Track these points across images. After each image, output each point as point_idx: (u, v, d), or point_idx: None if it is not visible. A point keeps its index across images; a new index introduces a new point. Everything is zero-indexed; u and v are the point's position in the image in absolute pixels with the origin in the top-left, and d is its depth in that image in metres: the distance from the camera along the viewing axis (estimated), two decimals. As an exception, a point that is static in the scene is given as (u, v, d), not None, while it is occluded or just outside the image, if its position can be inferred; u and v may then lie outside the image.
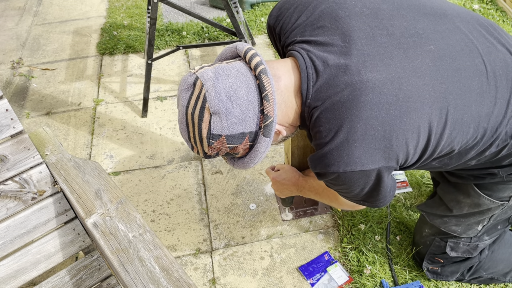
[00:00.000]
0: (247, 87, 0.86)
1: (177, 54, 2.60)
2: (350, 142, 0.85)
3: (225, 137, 0.87)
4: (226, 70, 0.87)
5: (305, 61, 0.89)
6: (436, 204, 1.30)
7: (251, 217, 1.73)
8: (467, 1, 2.77)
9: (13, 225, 1.07)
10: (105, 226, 0.95)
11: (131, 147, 2.05)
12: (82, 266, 1.24)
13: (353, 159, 0.86)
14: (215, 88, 0.84)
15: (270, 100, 0.86)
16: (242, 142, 0.89)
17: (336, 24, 0.91)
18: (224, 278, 1.54)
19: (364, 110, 0.84)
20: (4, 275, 1.09)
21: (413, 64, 0.87)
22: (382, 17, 0.91)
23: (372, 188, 0.95)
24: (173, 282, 0.84)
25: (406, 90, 0.85)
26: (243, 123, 0.86)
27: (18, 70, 2.57)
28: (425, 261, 1.43)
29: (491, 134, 0.95)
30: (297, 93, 0.91)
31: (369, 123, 0.84)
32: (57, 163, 1.10)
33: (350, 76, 0.85)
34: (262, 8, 2.88)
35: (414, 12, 0.94)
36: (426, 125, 0.88)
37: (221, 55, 0.96)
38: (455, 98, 0.89)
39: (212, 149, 0.90)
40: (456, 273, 1.41)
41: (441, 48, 0.91)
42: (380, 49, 0.88)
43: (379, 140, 0.85)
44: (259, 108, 0.87)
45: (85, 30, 2.88)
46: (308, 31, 0.93)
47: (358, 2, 0.93)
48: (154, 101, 2.29)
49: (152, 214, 1.77)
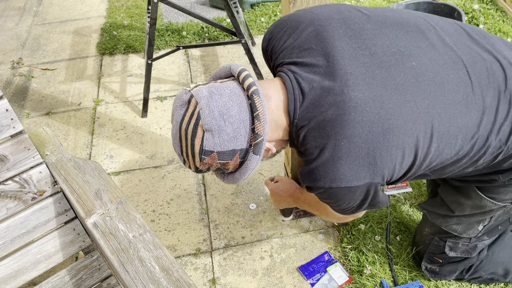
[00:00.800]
0: (239, 107, 0.90)
1: (177, 54, 2.60)
2: (335, 159, 0.88)
3: (217, 154, 0.90)
4: (220, 89, 0.91)
5: (292, 83, 0.93)
6: (437, 204, 1.30)
7: (251, 217, 1.73)
8: (467, 1, 2.77)
9: (13, 225, 1.07)
10: (105, 226, 0.95)
11: (131, 147, 2.05)
12: (82, 266, 1.24)
13: (338, 176, 0.89)
14: (209, 106, 0.88)
15: (261, 120, 0.90)
16: (232, 158, 0.93)
17: (321, 46, 0.94)
18: (224, 278, 1.54)
19: (348, 128, 0.87)
20: (4, 275, 1.09)
21: (395, 81, 0.90)
22: (365, 37, 0.95)
23: (359, 203, 0.98)
24: (173, 282, 0.84)
25: (388, 108, 0.88)
26: (235, 141, 0.90)
27: (18, 70, 2.57)
28: (424, 260, 1.43)
29: (483, 143, 0.97)
30: (285, 112, 0.95)
31: (352, 141, 0.87)
32: (57, 163, 1.10)
33: (334, 96, 0.89)
34: (262, 8, 2.88)
35: (397, 30, 0.97)
36: (411, 140, 0.90)
37: (216, 74, 1.01)
38: (439, 112, 0.91)
39: (203, 164, 0.93)
40: (454, 273, 1.42)
41: (423, 64, 0.93)
42: (362, 69, 0.91)
43: (363, 157, 0.88)
44: (250, 127, 0.91)
45: (85, 30, 2.88)
46: (295, 53, 0.97)
47: (342, 24, 0.97)
48: (154, 101, 2.29)
49: (152, 214, 1.77)
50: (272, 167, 1.91)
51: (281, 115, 0.95)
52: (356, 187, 0.91)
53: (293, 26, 1.00)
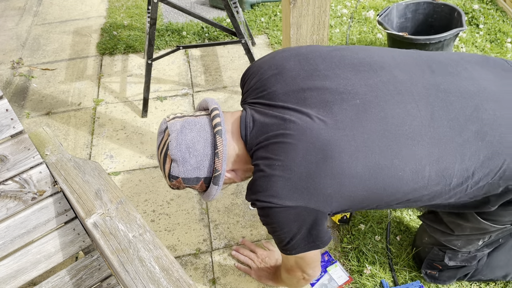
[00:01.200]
0: (205, 142, 1.02)
1: (177, 54, 2.60)
2: (269, 176, 0.96)
3: (182, 179, 1.04)
4: (191, 124, 1.03)
5: (246, 113, 1.05)
6: (437, 220, 1.29)
7: (251, 217, 1.73)
8: (467, 1, 2.77)
9: (13, 225, 1.07)
10: (105, 226, 0.95)
11: (131, 147, 2.05)
12: (82, 266, 1.24)
13: (272, 193, 0.96)
14: (177, 139, 1.01)
15: (220, 157, 1.01)
16: (197, 184, 1.05)
17: (274, 88, 1.05)
18: (224, 278, 1.54)
19: (284, 152, 0.95)
20: (4, 275, 1.09)
21: (336, 118, 0.97)
22: (316, 79, 1.03)
23: (296, 231, 1.00)
24: (173, 282, 0.84)
25: (324, 139, 0.94)
26: (198, 171, 1.02)
27: (18, 70, 2.57)
28: (424, 266, 1.44)
29: (440, 174, 0.97)
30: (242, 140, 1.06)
31: (286, 164, 0.94)
32: (57, 163, 1.10)
33: (278, 125, 0.98)
34: (262, 8, 2.88)
35: (348, 71, 1.04)
36: (347, 171, 0.94)
37: (200, 104, 1.13)
38: (379, 145, 0.95)
39: (173, 184, 1.07)
40: (453, 278, 1.42)
41: (367, 101, 0.98)
42: (307, 107, 0.99)
43: (295, 180, 0.94)
44: (213, 160, 1.02)
45: (85, 30, 2.88)
46: (255, 93, 1.09)
47: (297, 65, 1.06)
48: (154, 101, 2.29)
49: (152, 214, 1.77)
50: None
51: (240, 146, 1.05)
52: (290, 208, 0.96)
53: (255, 71, 1.12)
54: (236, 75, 2.42)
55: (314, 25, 1.18)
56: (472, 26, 2.60)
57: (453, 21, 2.20)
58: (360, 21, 2.73)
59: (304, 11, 1.14)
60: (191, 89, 2.35)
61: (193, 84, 2.38)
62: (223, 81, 2.39)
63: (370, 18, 2.73)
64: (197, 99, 2.28)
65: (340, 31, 2.64)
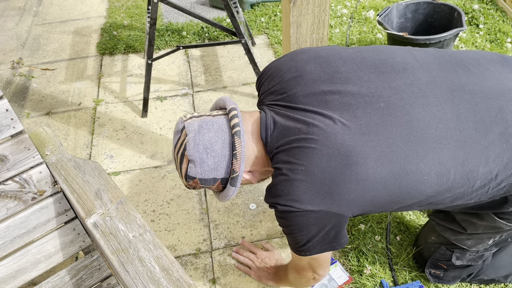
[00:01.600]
0: (222, 143, 1.00)
1: (177, 54, 2.60)
2: (291, 180, 0.95)
3: (199, 180, 1.03)
4: (210, 124, 1.02)
5: (266, 115, 1.04)
6: (448, 219, 1.27)
7: (251, 217, 1.73)
8: (467, 2, 2.77)
9: (13, 225, 1.07)
10: (105, 226, 0.95)
11: (131, 147, 2.05)
12: (82, 266, 1.24)
13: (293, 197, 0.95)
14: (194, 140, 1.00)
15: (238, 159, 1.00)
16: (214, 184, 1.05)
17: (294, 91, 1.03)
18: (224, 278, 1.54)
19: (307, 157, 0.93)
20: (4, 275, 1.09)
21: (360, 122, 0.95)
22: (337, 81, 1.01)
23: (314, 234, 1.00)
24: (173, 282, 0.84)
25: (348, 145, 0.93)
26: (215, 171, 1.01)
27: (18, 70, 2.57)
28: (428, 265, 1.42)
29: (465, 177, 0.97)
30: (261, 143, 1.05)
31: (309, 169, 0.93)
32: (57, 163, 1.10)
33: (300, 129, 0.97)
34: (262, 8, 2.88)
35: (370, 72, 1.02)
36: (372, 177, 0.93)
37: (217, 103, 1.11)
38: (405, 149, 0.94)
39: (189, 185, 1.06)
40: (458, 278, 1.41)
41: (391, 104, 0.97)
42: (330, 110, 0.97)
43: (318, 185, 0.93)
44: (231, 161, 1.01)
45: (85, 30, 2.88)
46: (273, 96, 1.08)
47: (318, 68, 1.04)
48: (154, 101, 2.29)
49: (152, 214, 1.77)
50: (272, 167, 1.91)
51: (259, 147, 1.04)
52: (311, 212, 0.95)
53: (274, 73, 1.10)
54: (236, 75, 2.42)
55: (314, 24, 1.18)
56: (472, 26, 2.60)
57: (453, 21, 2.20)
58: (360, 21, 2.73)
59: (304, 10, 1.14)
60: (191, 89, 2.35)
61: (193, 84, 2.38)
62: (223, 81, 2.39)
63: (370, 18, 2.73)
64: (197, 99, 2.28)
65: (340, 31, 2.64)
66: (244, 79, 2.39)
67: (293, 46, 1.21)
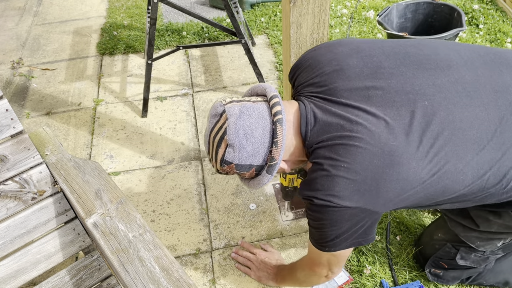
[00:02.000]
0: (263, 130, 0.99)
1: (177, 54, 2.60)
2: (333, 176, 0.94)
3: (235, 165, 1.01)
4: (250, 110, 1.00)
5: (306, 108, 1.02)
6: (462, 214, 1.25)
7: (251, 217, 1.73)
8: (467, 2, 2.77)
9: (13, 225, 1.07)
10: (105, 226, 0.95)
11: (131, 147, 2.05)
12: (82, 266, 1.24)
13: (332, 192, 0.94)
14: (235, 125, 0.98)
15: (278, 147, 0.99)
16: (249, 171, 1.03)
17: (335, 85, 1.02)
18: (224, 278, 1.54)
19: (350, 155, 0.93)
20: (4, 275, 1.09)
21: (404, 121, 0.94)
22: (380, 77, 1.00)
23: (345, 230, 1.00)
24: (173, 282, 0.84)
25: (392, 145, 0.92)
26: (252, 158, 1.00)
27: (18, 70, 2.57)
28: (429, 263, 1.42)
29: (499, 179, 0.97)
30: (300, 135, 1.04)
31: (351, 166, 0.93)
32: (57, 163, 1.10)
33: (343, 126, 0.96)
34: (262, 8, 2.88)
35: (414, 69, 1.00)
36: (412, 177, 0.93)
37: (253, 89, 1.10)
38: (446, 150, 0.94)
39: (223, 170, 1.05)
40: (457, 279, 1.41)
41: (435, 103, 0.96)
42: (373, 106, 0.96)
43: (359, 183, 0.93)
44: (269, 149, 1.00)
45: (85, 30, 2.88)
46: (312, 88, 1.06)
47: (360, 62, 1.03)
48: (154, 101, 2.29)
49: (152, 214, 1.77)
50: (272, 167, 1.91)
51: (297, 139, 1.03)
52: (347, 208, 0.95)
53: (313, 65, 1.09)
54: (236, 75, 2.42)
55: (314, 24, 1.18)
56: (472, 26, 2.60)
57: (453, 21, 2.20)
58: (360, 21, 2.73)
59: (304, 10, 1.14)
60: (191, 89, 2.35)
61: (193, 84, 2.38)
62: (223, 81, 2.39)
63: (370, 18, 2.73)
64: (197, 99, 2.28)
65: (340, 31, 2.64)
66: (244, 79, 2.39)
67: (293, 46, 1.21)
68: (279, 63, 2.47)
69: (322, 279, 1.22)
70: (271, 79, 2.37)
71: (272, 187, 1.83)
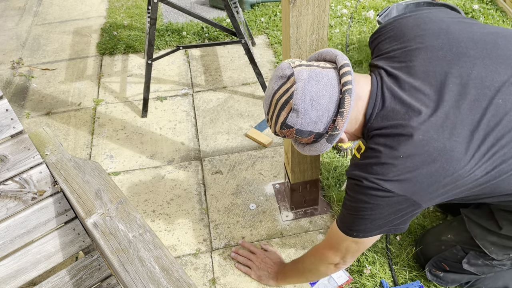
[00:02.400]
0: (330, 98, 0.98)
1: (177, 54, 2.60)
2: (388, 163, 0.93)
3: (295, 130, 1.01)
4: (319, 76, 0.98)
5: (377, 89, 1.00)
6: (484, 215, 1.23)
7: (251, 217, 1.73)
8: (467, 2, 2.77)
9: (13, 225, 1.07)
10: (105, 226, 0.95)
11: (131, 147, 2.05)
12: (82, 266, 1.24)
13: (385, 177, 0.94)
14: (303, 90, 0.97)
15: (344, 117, 0.97)
16: (308, 137, 1.03)
17: (414, 64, 0.99)
18: (224, 278, 1.54)
19: (410, 146, 0.92)
20: (4, 275, 1.09)
21: (473, 118, 0.92)
22: (462, 65, 0.97)
23: (385, 216, 0.99)
24: (173, 282, 0.84)
25: (455, 141, 0.91)
26: (315, 125, 0.99)
27: (18, 70, 2.57)
28: (430, 263, 1.41)
29: None
30: (364, 114, 1.02)
31: (409, 158, 0.92)
32: (57, 163, 1.10)
33: (409, 114, 0.94)
34: (262, 8, 2.88)
35: (499, 63, 0.97)
36: (467, 176, 0.92)
37: (321, 54, 1.08)
38: (507, 153, 0.92)
39: (281, 132, 1.04)
40: (457, 282, 1.40)
41: (509, 103, 0.93)
42: (446, 96, 0.94)
43: (413, 174, 0.92)
44: (332, 118, 0.99)
45: (85, 30, 2.88)
46: (390, 62, 1.03)
47: (446, 45, 1.00)
48: (154, 101, 2.29)
49: (152, 214, 1.77)
50: (272, 167, 1.91)
51: (361, 115, 1.02)
52: (394, 195, 0.94)
53: (397, 36, 1.06)
54: (236, 75, 2.42)
55: (313, 25, 1.18)
56: (472, 26, 2.60)
57: (453, 21, 2.20)
58: (360, 21, 2.73)
59: (304, 10, 1.14)
60: (191, 89, 2.35)
61: (193, 84, 2.38)
62: (223, 81, 2.39)
63: (370, 18, 2.72)
64: (197, 99, 2.28)
65: (340, 31, 2.64)
66: (244, 79, 2.39)
67: (293, 47, 1.21)
68: (279, 63, 2.47)
69: (330, 269, 1.20)
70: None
71: (272, 187, 1.83)
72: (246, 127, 2.11)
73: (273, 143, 2.02)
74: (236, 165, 1.94)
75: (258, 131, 2.06)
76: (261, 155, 1.97)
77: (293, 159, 1.51)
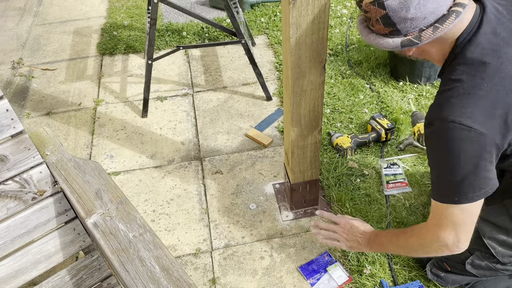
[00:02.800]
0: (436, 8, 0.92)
1: (177, 54, 2.61)
2: (470, 95, 0.91)
3: (384, 14, 0.94)
4: None
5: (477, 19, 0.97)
6: (496, 213, 1.20)
7: (251, 217, 1.73)
8: (467, 1, 2.77)
9: (14, 225, 1.07)
10: (105, 226, 0.95)
11: (131, 147, 2.05)
12: (82, 266, 1.24)
13: (465, 113, 0.91)
14: None
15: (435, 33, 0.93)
16: (384, 28, 0.97)
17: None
18: (224, 278, 1.54)
19: (498, 77, 0.91)
20: (5, 275, 1.10)
21: None
22: None
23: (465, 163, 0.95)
24: (173, 282, 0.84)
25: None
26: (404, 22, 0.93)
27: (19, 70, 2.58)
28: (432, 262, 1.41)
29: None
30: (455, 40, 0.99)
31: (494, 90, 0.90)
32: (57, 163, 1.10)
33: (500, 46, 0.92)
34: (262, 9, 2.88)
35: None
36: None
37: None
38: None
39: (366, 7, 0.97)
40: (457, 283, 1.39)
41: None
42: None
43: (497, 109, 0.90)
44: (423, 27, 0.94)
45: (86, 30, 2.89)
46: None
47: None
48: (154, 101, 2.29)
49: (152, 214, 1.77)
50: (272, 167, 1.91)
51: (451, 41, 0.98)
52: (475, 134, 0.92)
53: None
54: (236, 75, 2.42)
55: (313, 25, 1.18)
56: (472, 26, 2.60)
57: (453, 21, 2.20)
58: (360, 21, 2.73)
59: (304, 11, 1.14)
60: (191, 89, 2.36)
61: (193, 84, 2.38)
62: (223, 81, 2.39)
63: (370, 18, 2.72)
64: (197, 99, 2.28)
65: (340, 31, 2.64)
66: (244, 79, 2.39)
67: (293, 47, 1.21)
68: (279, 63, 2.47)
69: (442, 250, 1.08)
70: (271, 79, 2.38)
71: (272, 187, 1.83)
72: (246, 127, 2.11)
73: (273, 143, 2.02)
74: (236, 165, 1.94)
75: (258, 131, 2.06)
76: (261, 155, 1.97)
77: (293, 159, 1.51)
